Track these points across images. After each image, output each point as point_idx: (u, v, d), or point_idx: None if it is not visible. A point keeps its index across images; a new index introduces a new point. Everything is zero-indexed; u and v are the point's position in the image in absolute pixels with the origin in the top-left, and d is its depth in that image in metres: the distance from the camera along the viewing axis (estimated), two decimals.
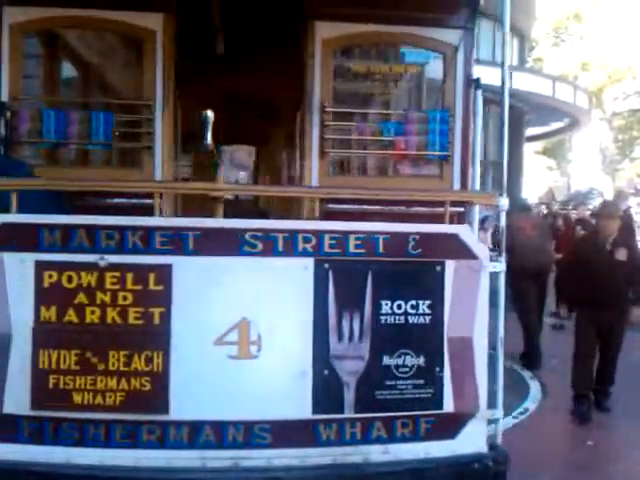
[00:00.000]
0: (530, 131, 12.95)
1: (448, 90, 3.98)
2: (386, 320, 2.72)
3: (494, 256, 2.90)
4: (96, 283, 2.56)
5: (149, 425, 2.59)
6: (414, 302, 2.74)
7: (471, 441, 2.82)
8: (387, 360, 2.73)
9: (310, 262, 2.66)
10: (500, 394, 2.92)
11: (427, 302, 2.76)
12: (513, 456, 2.92)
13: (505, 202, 2.89)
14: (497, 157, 3.61)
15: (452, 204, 3.74)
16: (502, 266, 2.86)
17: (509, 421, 4.90)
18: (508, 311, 3.43)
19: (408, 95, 4.30)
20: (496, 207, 3.02)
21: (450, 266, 2.76)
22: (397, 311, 2.73)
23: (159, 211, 3.41)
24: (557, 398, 5.67)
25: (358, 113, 4.06)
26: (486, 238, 7.12)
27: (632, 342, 5.87)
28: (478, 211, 3.13)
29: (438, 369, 2.78)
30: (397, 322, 2.73)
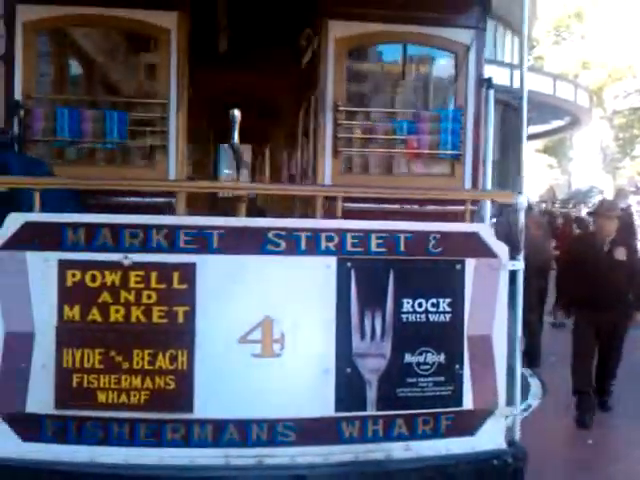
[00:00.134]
0: (531, 129, 12.99)
1: (460, 89, 4.00)
2: (407, 318, 2.74)
3: None
4: (120, 282, 2.56)
5: (173, 423, 2.59)
6: (435, 300, 2.76)
7: (490, 438, 2.84)
8: (408, 358, 2.75)
9: (333, 261, 2.67)
10: (518, 391, 2.95)
11: (447, 300, 2.78)
12: None
13: (524, 200, 2.91)
14: (499, 155, 3.65)
15: (462, 203, 3.77)
16: (521, 264, 2.88)
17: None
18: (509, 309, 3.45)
19: (420, 94, 4.31)
20: (508, 205, 3.05)
21: (470, 264, 2.79)
22: (418, 309, 2.75)
23: (178, 210, 3.41)
24: (557, 396, 5.69)
25: (371, 112, 4.07)
26: None
27: (633, 342, 5.85)
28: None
29: (458, 367, 2.80)
30: (418, 320, 2.75)
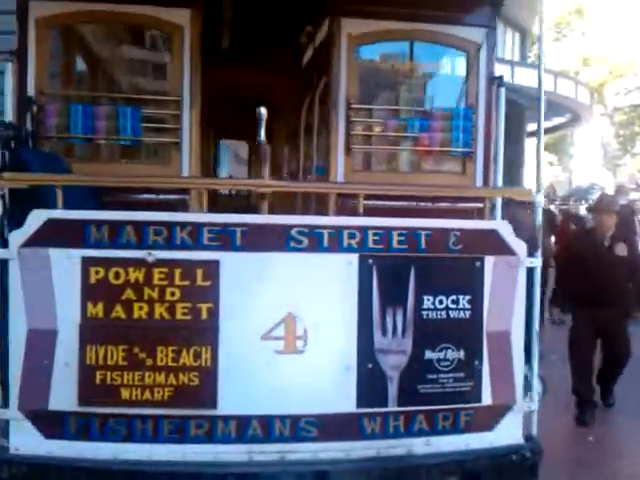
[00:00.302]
0: (531, 126, 13.04)
1: (471, 88, 4.02)
2: (428, 315, 2.76)
3: None
4: (144, 279, 2.57)
5: (197, 420, 2.60)
6: (455, 297, 2.78)
7: (508, 433, 2.88)
8: (429, 354, 2.77)
9: (354, 258, 2.68)
10: (535, 386, 2.98)
11: (467, 297, 2.80)
12: None
13: (541, 198, 2.94)
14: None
15: (472, 200, 3.81)
16: (538, 261, 2.91)
17: None
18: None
19: (431, 92, 4.33)
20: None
21: (489, 262, 2.81)
22: (438, 306, 2.77)
23: (192, 207, 3.42)
24: (557, 393, 5.68)
25: (383, 109, 4.08)
26: None
27: (633, 338, 5.89)
28: None
29: (477, 362, 2.83)
30: (438, 317, 2.77)
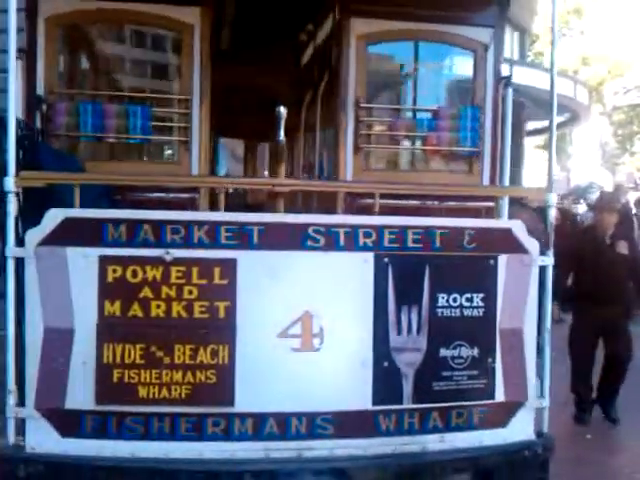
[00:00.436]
0: (530, 125, 13.00)
1: (479, 87, 4.05)
2: (442, 313, 2.78)
3: None
4: (161, 277, 2.57)
5: (214, 417, 2.61)
6: (469, 295, 2.81)
7: (521, 429, 2.90)
8: (443, 352, 2.79)
9: (370, 256, 2.70)
10: (547, 383, 3.00)
11: (481, 295, 2.82)
12: None
13: (554, 197, 2.97)
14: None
15: (482, 199, 3.84)
16: (550, 260, 2.94)
17: None
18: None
19: (439, 92, 4.36)
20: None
21: (503, 260, 2.83)
22: (453, 304, 2.79)
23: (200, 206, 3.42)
24: (556, 391, 5.73)
25: (391, 109, 4.10)
26: None
27: (633, 337, 5.91)
28: None
29: (491, 360, 2.85)
30: (453, 315, 2.79)
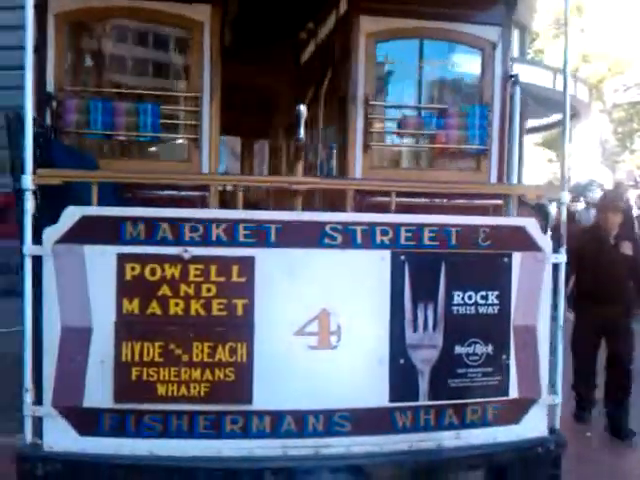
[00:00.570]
0: (530, 123, 13.03)
1: (486, 86, 4.08)
2: (458, 310, 2.80)
3: None
4: (180, 275, 2.57)
5: (233, 415, 2.62)
6: (484, 292, 2.83)
7: (534, 426, 2.92)
8: (459, 349, 2.81)
9: (387, 254, 2.71)
10: (559, 380, 3.03)
11: (495, 292, 2.84)
12: None
13: (566, 196, 2.99)
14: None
15: (490, 197, 3.86)
16: (563, 257, 2.96)
17: None
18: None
19: (447, 90, 4.38)
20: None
21: (517, 258, 2.86)
22: (468, 301, 2.81)
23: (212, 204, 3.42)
24: None
25: (400, 107, 4.11)
26: None
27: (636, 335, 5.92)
28: None
29: (505, 357, 2.87)
30: (468, 312, 2.81)
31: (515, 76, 3.98)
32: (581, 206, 10.47)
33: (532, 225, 2.88)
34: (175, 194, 3.51)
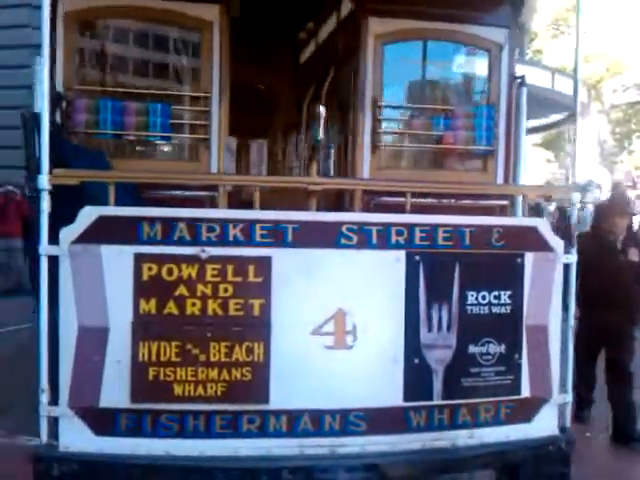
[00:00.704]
0: (529, 123, 13.05)
1: (493, 87, 4.10)
2: (471, 310, 2.82)
3: None
4: (197, 275, 2.57)
5: (250, 415, 2.62)
6: (497, 292, 2.85)
7: (545, 424, 2.95)
8: (472, 348, 2.83)
9: (402, 254, 2.73)
10: (569, 379, 3.06)
11: (508, 292, 2.87)
12: None
13: (577, 197, 3.02)
14: None
15: (498, 197, 3.89)
16: (574, 258, 2.99)
17: None
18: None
19: (454, 91, 4.40)
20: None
21: (529, 258, 2.88)
22: (482, 301, 2.83)
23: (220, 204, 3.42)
24: None
25: (408, 108, 4.13)
26: None
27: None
28: None
29: (517, 356, 2.90)
30: (481, 312, 2.83)
31: (522, 78, 4.01)
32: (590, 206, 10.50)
33: (544, 225, 2.91)
34: (184, 194, 3.51)
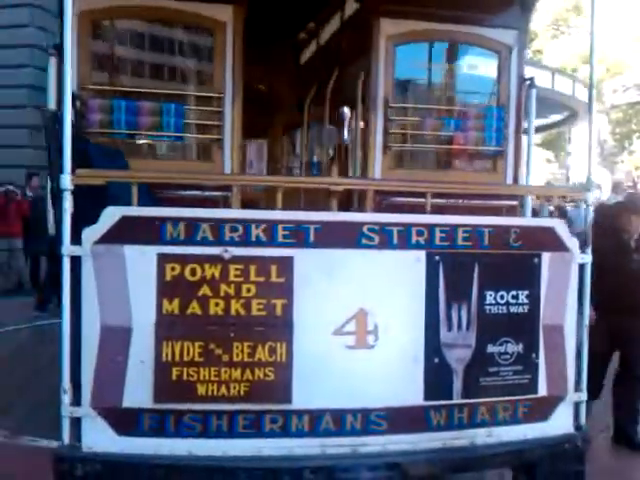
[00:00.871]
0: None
1: (503, 88, 4.14)
2: (490, 310, 2.85)
3: None
4: (220, 275, 2.58)
5: (272, 414, 2.63)
6: (515, 292, 2.88)
7: (561, 423, 2.98)
8: (491, 348, 2.85)
9: (422, 254, 2.75)
10: (584, 378, 3.09)
11: (526, 292, 2.90)
12: None
13: (591, 197, 3.06)
14: None
15: (508, 197, 3.92)
16: (589, 258, 3.03)
17: None
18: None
19: (464, 92, 4.43)
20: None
21: (546, 258, 2.91)
22: (500, 301, 2.86)
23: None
24: None
25: (419, 109, 4.15)
26: None
27: None
28: None
29: (534, 355, 2.93)
30: (500, 312, 2.86)
31: (531, 79, 4.05)
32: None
33: (560, 226, 2.94)
34: (197, 194, 3.51)
